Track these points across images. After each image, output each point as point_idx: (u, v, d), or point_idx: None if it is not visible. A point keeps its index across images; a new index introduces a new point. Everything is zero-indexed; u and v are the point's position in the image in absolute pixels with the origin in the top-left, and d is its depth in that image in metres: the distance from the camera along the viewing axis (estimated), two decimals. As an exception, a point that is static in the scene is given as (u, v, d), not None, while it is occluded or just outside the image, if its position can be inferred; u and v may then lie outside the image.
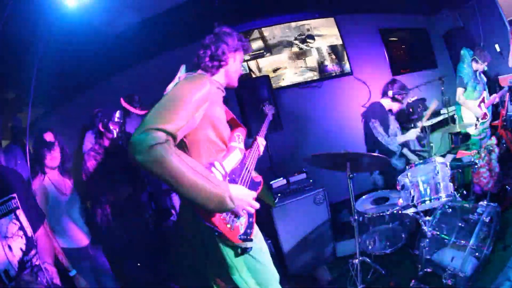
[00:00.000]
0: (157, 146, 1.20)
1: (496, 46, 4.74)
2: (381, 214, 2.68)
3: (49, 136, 2.40)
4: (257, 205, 1.59)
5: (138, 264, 2.78)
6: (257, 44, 4.60)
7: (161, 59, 4.10)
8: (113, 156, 2.66)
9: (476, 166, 3.16)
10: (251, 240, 1.66)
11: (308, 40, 4.79)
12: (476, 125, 4.18)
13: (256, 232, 1.91)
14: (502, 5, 4.58)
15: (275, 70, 4.66)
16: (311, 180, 3.26)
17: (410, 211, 2.61)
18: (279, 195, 3.12)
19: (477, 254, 2.34)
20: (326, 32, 4.84)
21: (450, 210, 2.62)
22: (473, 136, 4.29)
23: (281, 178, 3.32)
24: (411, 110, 4.03)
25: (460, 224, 2.48)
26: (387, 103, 3.43)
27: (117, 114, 2.68)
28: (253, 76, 4.58)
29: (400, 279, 2.59)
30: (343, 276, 2.82)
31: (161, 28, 3.74)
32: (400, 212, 2.64)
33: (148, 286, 2.80)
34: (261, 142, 2.07)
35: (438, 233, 2.48)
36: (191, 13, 3.75)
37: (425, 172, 2.71)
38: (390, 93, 3.38)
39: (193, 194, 1.29)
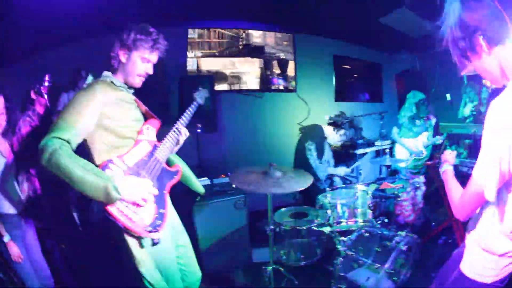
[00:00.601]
0: (52, 152, 1.43)
1: (448, 95, 5.00)
2: (297, 227, 2.78)
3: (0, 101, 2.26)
4: (145, 201, 1.63)
5: (63, 246, 2.72)
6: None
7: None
8: (46, 125, 2.54)
9: (398, 199, 3.37)
10: (157, 231, 1.67)
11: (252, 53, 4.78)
12: (408, 160, 4.32)
13: (174, 226, 1.95)
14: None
15: (229, 72, 4.65)
16: (234, 185, 3.33)
17: (326, 229, 2.75)
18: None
19: (394, 278, 2.40)
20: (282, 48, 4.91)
21: (367, 234, 2.71)
22: (407, 169, 4.43)
23: (205, 178, 3.39)
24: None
25: (377, 248, 2.56)
26: (327, 129, 3.59)
27: (47, 77, 2.57)
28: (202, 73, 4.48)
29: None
30: (257, 281, 2.91)
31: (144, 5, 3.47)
32: (316, 228, 2.77)
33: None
34: (182, 131, 2.00)
35: (353, 253, 2.55)
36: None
37: (346, 196, 2.89)
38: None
39: (82, 188, 1.46)
